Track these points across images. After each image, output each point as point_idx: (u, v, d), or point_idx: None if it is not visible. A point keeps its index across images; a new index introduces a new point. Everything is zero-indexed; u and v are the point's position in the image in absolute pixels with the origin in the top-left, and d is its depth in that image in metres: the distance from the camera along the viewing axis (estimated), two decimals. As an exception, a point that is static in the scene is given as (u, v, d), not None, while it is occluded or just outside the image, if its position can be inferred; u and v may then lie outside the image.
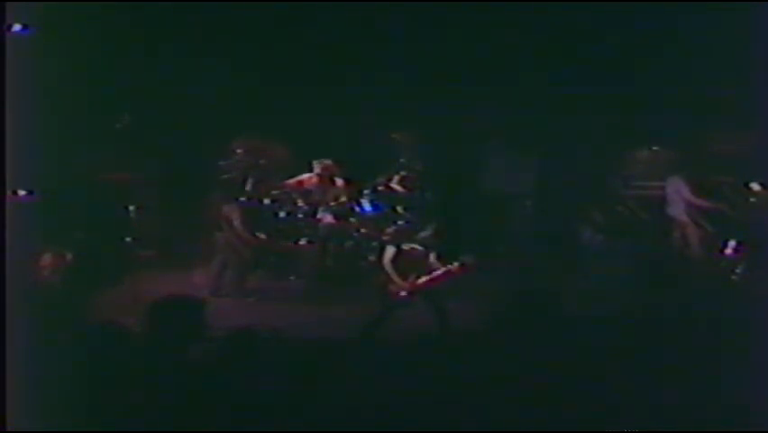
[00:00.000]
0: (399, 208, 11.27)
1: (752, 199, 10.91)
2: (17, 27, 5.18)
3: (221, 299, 9.41)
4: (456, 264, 8.35)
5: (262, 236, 10.30)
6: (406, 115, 12.04)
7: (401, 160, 12.12)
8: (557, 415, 4.17)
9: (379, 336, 8.11)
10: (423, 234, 8.72)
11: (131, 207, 10.88)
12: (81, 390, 4.03)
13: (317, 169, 10.95)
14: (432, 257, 8.49)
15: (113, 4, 9.54)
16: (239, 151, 12.10)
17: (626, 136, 11.98)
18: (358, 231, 10.92)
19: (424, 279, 8.37)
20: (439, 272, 8.36)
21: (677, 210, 10.93)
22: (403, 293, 8.37)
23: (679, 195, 10.91)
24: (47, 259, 7.57)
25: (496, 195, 12.37)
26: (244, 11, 10.53)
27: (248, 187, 11.22)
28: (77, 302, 7.25)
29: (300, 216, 10.97)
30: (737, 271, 9.82)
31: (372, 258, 10.06)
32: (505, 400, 4.25)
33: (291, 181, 11.07)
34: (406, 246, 8.57)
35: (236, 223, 10.09)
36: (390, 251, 8.53)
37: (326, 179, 10.96)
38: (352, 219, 10.96)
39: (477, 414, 4.23)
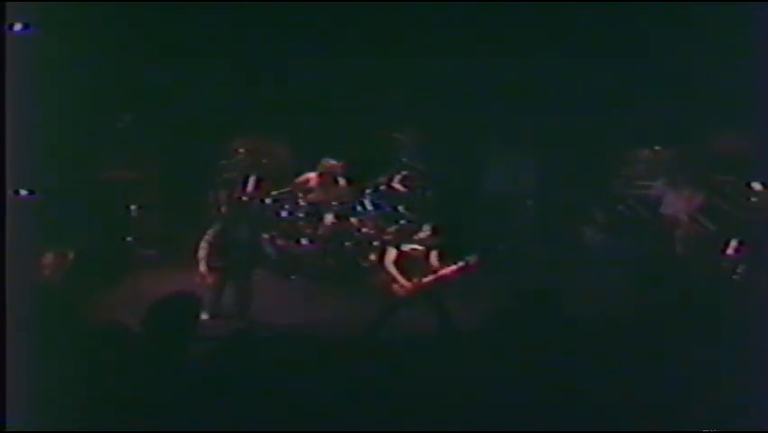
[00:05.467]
0: (401, 208, 11.27)
1: (753, 199, 10.89)
2: (18, 27, 5.20)
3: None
4: (461, 263, 8.33)
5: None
6: (407, 114, 12.04)
7: (403, 159, 12.11)
8: (557, 414, 4.17)
9: (381, 336, 8.11)
10: (423, 233, 8.69)
11: (132, 207, 10.88)
12: (81, 390, 4.03)
13: (321, 168, 10.91)
14: (433, 257, 8.47)
15: (113, 4, 9.54)
16: (240, 150, 12.11)
17: (627, 136, 11.96)
18: (359, 231, 10.92)
19: (427, 279, 8.35)
20: (444, 272, 8.34)
21: (678, 210, 10.93)
22: (405, 293, 8.35)
23: (680, 194, 10.90)
24: (48, 258, 7.57)
25: (497, 194, 12.36)
26: (245, 9, 10.53)
27: (249, 187, 11.22)
28: (78, 302, 7.24)
29: (302, 215, 10.97)
30: (738, 271, 9.79)
31: (373, 258, 10.06)
32: (507, 400, 4.25)
33: (296, 181, 11.05)
34: (406, 247, 8.55)
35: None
36: (391, 253, 8.51)
37: (329, 178, 10.93)
38: (353, 219, 10.95)
39: (478, 414, 4.23)
